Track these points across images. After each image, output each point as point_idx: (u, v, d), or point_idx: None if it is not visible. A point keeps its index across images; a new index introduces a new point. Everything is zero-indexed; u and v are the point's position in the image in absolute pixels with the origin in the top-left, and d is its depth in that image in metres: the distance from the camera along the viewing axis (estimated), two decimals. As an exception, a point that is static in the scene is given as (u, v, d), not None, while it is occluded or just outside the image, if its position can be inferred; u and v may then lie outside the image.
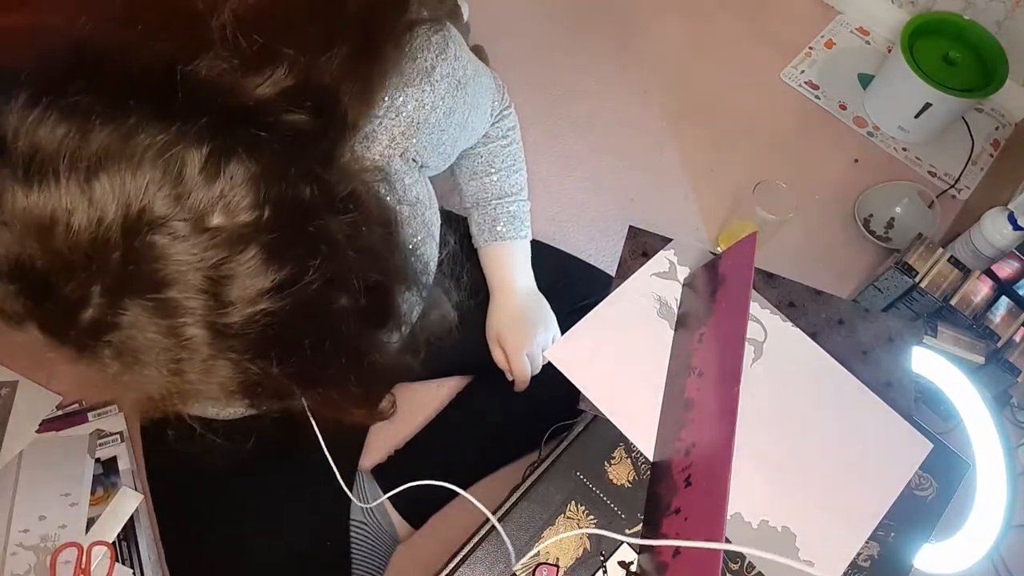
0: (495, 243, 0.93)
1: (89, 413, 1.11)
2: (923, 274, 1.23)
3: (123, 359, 0.43)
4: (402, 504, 1.02)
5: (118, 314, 0.41)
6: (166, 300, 0.41)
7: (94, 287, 0.40)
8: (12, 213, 0.39)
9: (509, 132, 0.93)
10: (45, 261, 0.40)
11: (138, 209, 0.39)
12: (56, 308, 0.41)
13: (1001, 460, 0.89)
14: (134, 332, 0.42)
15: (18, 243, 0.40)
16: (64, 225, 0.39)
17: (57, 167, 0.38)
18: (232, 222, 0.41)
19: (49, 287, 0.40)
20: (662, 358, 0.78)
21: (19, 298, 0.41)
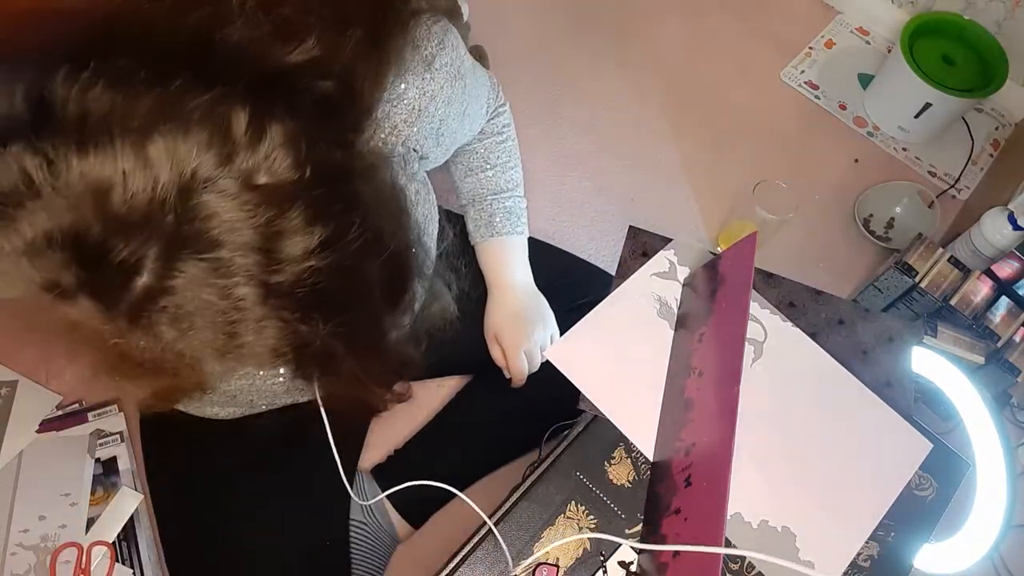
0: (492, 239, 0.93)
1: (89, 413, 1.11)
2: (923, 274, 1.23)
3: (178, 325, 0.43)
4: (402, 504, 1.02)
5: (173, 276, 0.41)
6: (219, 259, 0.41)
7: (149, 250, 0.40)
8: (67, 179, 0.39)
9: (504, 129, 0.94)
10: (101, 227, 0.40)
11: (191, 169, 0.40)
12: (110, 276, 0.41)
13: (1001, 460, 0.89)
14: (189, 295, 0.42)
15: (72, 211, 0.40)
16: (122, 188, 0.39)
17: (111, 131, 0.39)
18: (277, 180, 0.42)
19: (103, 254, 0.40)
20: (662, 358, 0.78)
21: (72, 268, 0.41)
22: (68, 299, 0.42)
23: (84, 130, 0.39)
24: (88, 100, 0.39)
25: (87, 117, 0.39)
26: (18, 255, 0.41)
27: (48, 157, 0.39)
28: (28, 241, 0.40)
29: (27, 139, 0.39)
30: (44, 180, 0.39)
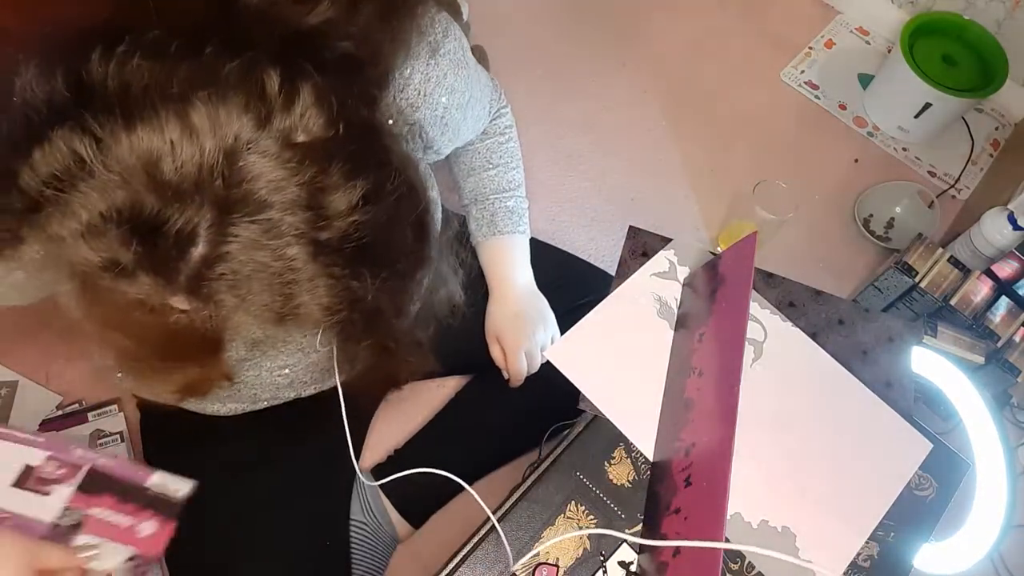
0: (494, 237, 0.93)
1: (89, 413, 1.11)
2: (923, 274, 1.23)
3: (237, 290, 0.44)
4: (402, 504, 1.02)
5: (227, 242, 0.42)
6: (269, 220, 0.42)
7: (202, 218, 0.41)
8: (117, 155, 0.40)
9: (506, 130, 0.94)
10: (154, 199, 0.40)
11: (233, 133, 0.40)
12: (167, 248, 0.41)
13: (1001, 460, 0.89)
14: (243, 258, 0.43)
15: (125, 186, 0.40)
16: (171, 157, 0.40)
17: (153, 102, 0.39)
18: (314, 137, 0.43)
19: (159, 226, 0.41)
20: (662, 358, 0.78)
21: (130, 245, 0.41)
22: (127, 277, 0.43)
23: (128, 104, 0.39)
24: (127, 74, 0.40)
25: (129, 91, 0.40)
26: (76, 238, 0.42)
27: (96, 135, 0.39)
28: (85, 223, 0.41)
29: (72, 120, 0.40)
30: (95, 158, 0.40)
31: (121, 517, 0.67)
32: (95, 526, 0.66)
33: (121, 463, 0.69)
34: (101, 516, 0.66)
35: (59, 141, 0.40)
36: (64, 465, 0.66)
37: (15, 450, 0.65)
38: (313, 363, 0.84)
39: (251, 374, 0.81)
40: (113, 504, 0.67)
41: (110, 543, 0.66)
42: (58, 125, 0.40)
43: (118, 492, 0.68)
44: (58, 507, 0.65)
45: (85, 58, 0.40)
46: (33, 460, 0.65)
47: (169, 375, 0.64)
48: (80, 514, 0.65)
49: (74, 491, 0.66)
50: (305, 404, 0.89)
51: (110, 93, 0.40)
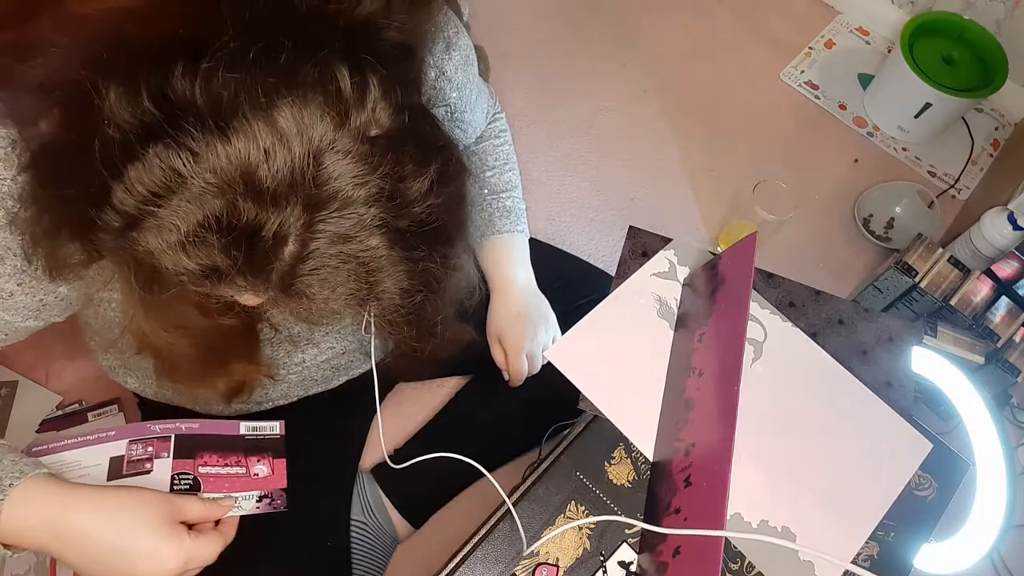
0: (492, 237, 0.93)
1: (89, 413, 1.11)
2: (923, 274, 1.23)
3: (327, 284, 0.46)
4: (402, 504, 1.02)
5: (316, 239, 0.43)
6: (354, 214, 0.44)
7: (294, 219, 0.42)
8: (216, 167, 0.41)
9: (501, 133, 0.95)
10: (251, 205, 0.42)
11: (318, 135, 0.42)
12: (263, 250, 0.43)
13: (1001, 460, 0.89)
14: (331, 252, 0.44)
15: (223, 196, 0.41)
16: (266, 164, 0.41)
17: (244, 112, 0.40)
18: (386, 129, 0.44)
19: (256, 231, 0.42)
20: (662, 358, 0.78)
21: (228, 251, 0.43)
22: (224, 281, 0.45)
23: (220, 116, 0.40)
24: (215, 87, 0.40)
25: (220, 103, 0.40)
26: (175, 249, 0.43)
27: (192, 149, 0.40)
28: (184, 234, 0.42)
29: (166, 137, 0.40)
30: (193, 172, 0.41)
31: (232, 468, 0.68)
32: (213, 483, 0.66)
33: (203, 424, 0.69)
34: (213, 472, 0.67)
35: (155, 158, 0.41)
36: (148, 443, 0.66)
37: (93, 451, 0.64)
38: (343, 353, 0.84)
39: (287, 369, 0.82)
40: (217, 460, 0.68)
41: (235, 492, 0.66)
42: (151, 143, 0.41)
43: (215, 448, 0.68)
44: (166, 477, 0.64)
45: (166, 74, 0.41)
46: (116, 451, 0.64)
47: (216, 378, 0.67)
48: (191, 476, 0.65)
49: (172, 460, 0.65)
50: (306, 404, 0.90)
51: (200, 107, 0.41)
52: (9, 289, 0.56)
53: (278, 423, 0.74)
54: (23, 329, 0.61)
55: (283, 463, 0.71)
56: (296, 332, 0.78)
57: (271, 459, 0.71)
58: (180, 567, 0.57)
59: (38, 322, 0.61)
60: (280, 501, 0.70)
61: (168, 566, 0.57)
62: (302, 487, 0.91)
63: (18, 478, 0.55)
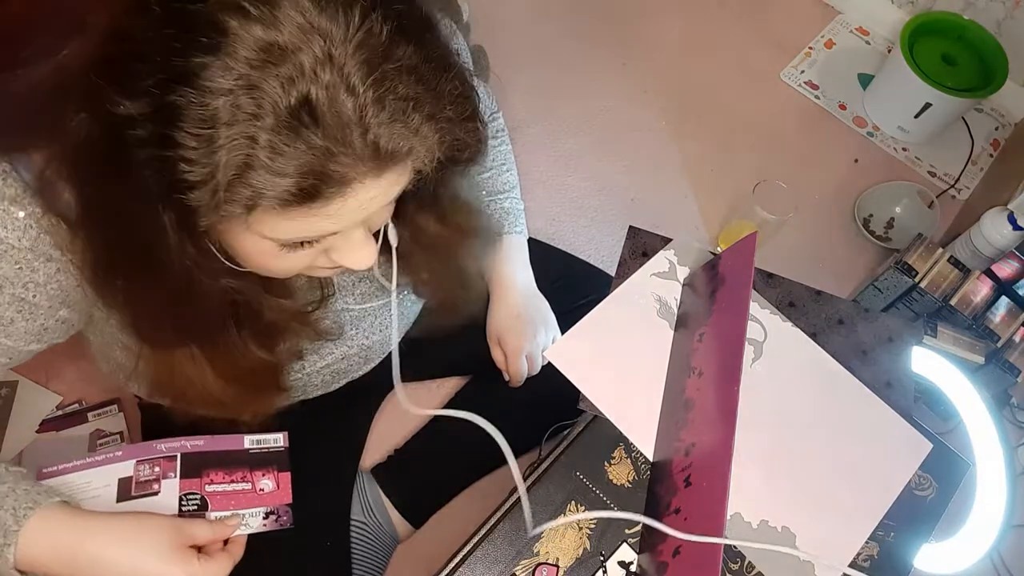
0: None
1: (89, 413, 1.11)
2: (923, 274, 1.23)
3: (403, 113, 0.46)
4: (402, 504, 1.02)
5: (353, 71, 0.43)
6: (362, 29, 0.44)
7: (319, 62, 0.42)
8: (236, 58, 0.41)
9: (498, 133, 0.95)
10: (283, 72, 0.42)
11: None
12: (326, 117, 0.43)
13: (1001, 460, 0.89)
14: (376, 78, 0.44)
15: (257, 87, 0.41)
16: (273, 27, 0.41)
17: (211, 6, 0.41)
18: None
19: (306, 100, 0.42)
20: (662, 358, 0.78)
21: (303, 139, 0.43)
22: (325, 179, 0.45)
23: (200, 22, 0.41)
24: (169, 11, 0.41)
25: (190, 13, 0.41)
26: (267, 176, 0.43)
27: (205, 64, 0.41)
28: (261, 154, 0.42)
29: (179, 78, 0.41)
30: (224, 82, 0.41)
31: (237, 484, 0.69)
32: (219, 501, 0.67)
33: (207, 440, 0.70)
34: (219, 490, 0.67)
35: (181, 99, 0.41)
36: (155, 463, 0.67)
37: (101, 472, 0.65)
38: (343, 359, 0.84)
39: (302, 372, 0.82)
40: (223, 476, 0.68)
41: (242, 510, 0.67)
42: (170, 92, 0.41)
43: (221, 465, 0.69)
44: (174, 498, 0.65)
45: (133, 39, 0.41)
46: (123, 472, 0.66)
47: (243, 411, 0.69)
48: (199, 496, 0.66)
49: (179, 480, 0.66)
50: (306, 405, 0.90)
51: (177, 30, 0.41)
52: (9, 316, 0.56)
53: (281, 435, 0.74)
54: (26, 352, 0.61)
55: (288, 477, 0.72)
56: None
57: (276, 473, 0.71)
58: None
59: (40, 345, 0.61)
60: (286, 518, 0.70)
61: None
62: (303, 487, 0.91)
63: (32, 508, 0.56)
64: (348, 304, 0.78)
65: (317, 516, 0.91)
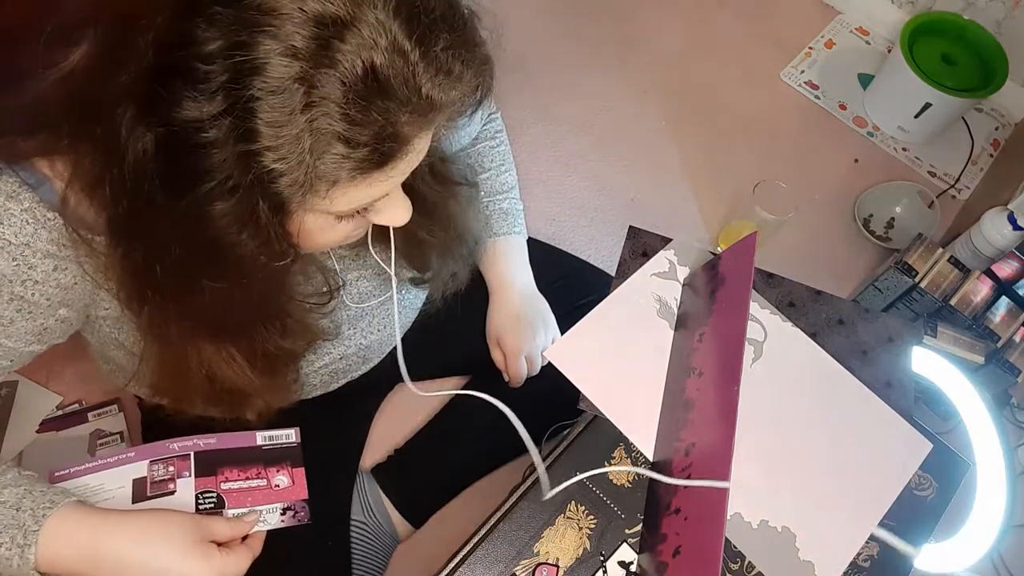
0: (490, 239, 0.93)
1: (89, 413, 1.11)
2: (923, 274, 1.23)
3: (453, 63, 0.47)
4: (402, 504, 1.02)
5: (399, 36, 0.44)
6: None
7: (379, 35, 0.43)
8: (295, 38, 0.41)
9: (497, 134, 0.95)
10: (347, 46, 0.42)
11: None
12: (390, 79, 0.44)
13: (1001, 460, 0.89)
14: (423, 32, 0.45)
15: (324, 61, 0.42)
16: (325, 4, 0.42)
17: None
18: None
19: (372, 70, 0.43)
20: (662, 358, 0.78)
21: (375, 104, 0.44)
22: (399, 135, 0.47)
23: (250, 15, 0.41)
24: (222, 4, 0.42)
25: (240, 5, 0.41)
26: (347, 148, 0.44)
27: (267, 53, 0.41)
28: (339, 127, 0.44)
29: (245, 76, 0.41)
30: (290, 69, 0.41)
31: (252, 481, 0.68)
32: (236, 498, 0.67)
33: (220, 438, 0.70)
34: (235, 487, 0.67)
35: (255, 91, 0.41)
36: (169, 462, 0.66)
37: (115, 473, 0.65)
38: (341, 359, 0.84)
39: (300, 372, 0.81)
40: (238, 474, 0.68)
41: (259, 506, 0.67)
42: (239, 89, 0.41)
43: (235, 462, 0.69)
44: (190, 497, 0.65)
45: (191, 43, 0.41)
46: (137, 473, 0.65)
47: (244, 409, 0.69)
48: (215, 494, 0.66)
49: (194, 479, 0.66)
50: (306, 405, 0.89)
51: (231, 29, 0.41)
52: (9, 316, 0.56)
53: (293, 431, 0.74)
54: (27, 354, 0.61)
55: (302, 472, 0.72)
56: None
57: (290, 468, 0.71)
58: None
59: (41, 346, 0.61)
60: (304, 513, 0.71)
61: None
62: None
63: (50, 508, 0.56)
64: (346, 303, 0.78)
65: (317, 516, 0.91)
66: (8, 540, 0.54)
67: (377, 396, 1.11)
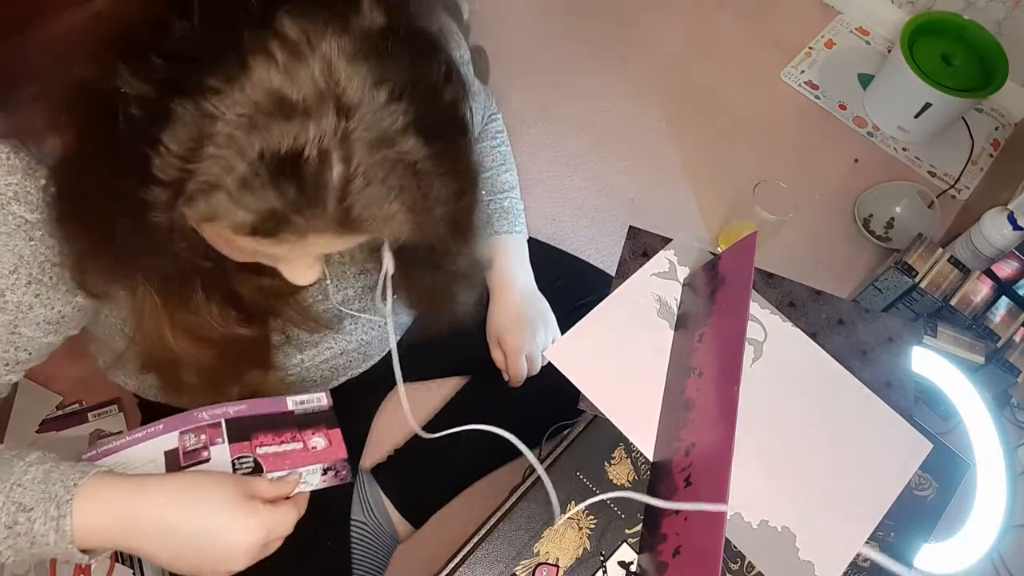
0: (491, 238, 0.93)
1: (89, 413, 1.11)
2: (923, 274, 1.23)
3: (382, 198, 0.45)
4: (402, 504, 1.02)
5: (356, 149, 0.42)
6: (385, 114, 0.43)
7: (328, 132, 0.41)
8: (243, 99, 0.40)
9: (498, 134, 0.95)
10: (287, 128, 0.41)
11: (326, 41, 0.41)
12: (310, 177, 0.42)
13: (1001, 460, 0.89)
14: (374, 162, 0.43)
15: (258, 128, 0.41)
16: (290, 81, 0.40)
17: (248, 34, 0.40)
18: (389, 22, 0.43)
19: (297, 157, 0.41)
20: (662, 358, 0.78)
21: (280, 186, 0.42)
22: (284, 226, 0.44)
23: (228, 47, 0.40)
24: (213, 21, 0.40)
25: (224, 34, 0.40)
26: (230, 205, 0.42)
27: (215, 88, 0.40)
28: (233, 184, 0.42)
29: (185, 86, 0.40)
30: (222, 109, 0.40)
31: (288, 445, 0.66)
32: (273, 462, 0.64)
33: (250, 404, 0.67)
34: (271, 451, 0.64)
35: (182, 110, 0.40)
36: (200, 431, 0.64)
37: (144, 448, 0.62)
38: (341, 354, 0.84)
39: (286, 370, 0.81)
40: (272, 438, 0.66)
41: (298, 468, 0.65)
42: (174, 98, 0.40)
43: (268, 427, 0.66)
44: (227, 462, 0.62)
45: (164, 30, 0.41)
46: (168, 445, 0.62)
47: (230, 388, 0.67)
48: (251, 458, 0.63)
49: (228, 445, 0.63)
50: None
51: (207, 43, 0.40)
52: (28, 302, 0.55)
53: (323, 394, 0.72)
54: (45, 346, 0.60)
55: (339, 433, 0.69)
56: (297, 334, 0.78)
57: (326, 430, 0.68)
58: (262, 538, 0.56)
59: (57, 337, 0.61)
60: (345, 472, 0.68)
61: (249, 538, 0.55)
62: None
63: (81, 477, 0.53)
64: (349, 307, 0.78)
65: (317, 516, 0.91)
66: (41, 514, 0.51)
67: (377, 395, 1.11)
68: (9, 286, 0.54)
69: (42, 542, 0.51)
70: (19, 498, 0.52)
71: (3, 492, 0.52)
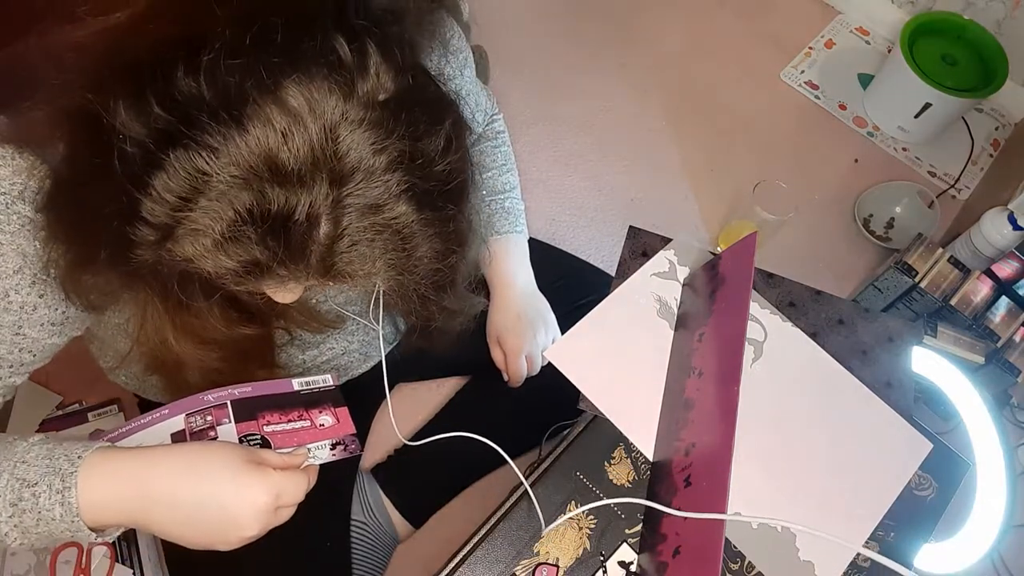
0: (491, 238, 0.93)
1: (89, 413, 1.11)
2: (923, 274, 1.23)
3: (365, 257, 0.46)
4: (402, 504, 1.02)
5: (346, 214, 0.43)
6: (379, 182, 0.43)
7: (320, 197, 0.42)
8: (238, 159, 0.40)
9: (499, 134, 0.95)
10: (279, 191, 0.42)
11: (329, 108, 0.42)
12: (297, 235, 0.43)
13: (1001, 460, 0.89)
14: (364, 225, 0.44)
15: (250, 187, 0.41)
16: (286, 146, 0.41)
17: (252, 97, 0.40)
18: (394, 91, 0.44)
19: (287, 216, 0.42)
20: (662, 358, 0.78)
21: (266, 243, 0.43)
22: (266, 274, 0.45)
23: (230, 107, 0.40)
24: (219, 78, 0.40)
25: (228, 94, 0.40)
26: (214, 252, 0.43)
27: (211, 146, 0.40)
28: (219, 233, 0.42)
29: (184, 139, 0.40)
30: (216, 168, 0.40)
31: (296, 423, 0.66)
32: (281, 439, 0.64)
33: (255, 386, 0.67)
34: (279, 429, 0.65)
35: (177, 162, 0.40)
36: (206, 412, 0.63)
37: (150, 432, 0.62)
38: (343, 354, 0.84)
39: (288, 370, 0.81)
40: (279, 417, 0.66)
41: (307, 444, 0.64)
42: (170, 148, 0.40)
43: (274, 407, 0.66)
44: (233, 440, 0.62)
45: (170, 78, 0.41)
46: (175, 427, 0.62)
47: (239, 381, 0.67)
48: (259, 436, 0.63)
49: (234, 424, 0.63)
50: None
51: (210, 101, 0.40)
52: (32, 303, 0.55)
53: (329, 375, 0.72)
54: (49, 347, 0.60)
55: (346, 410, 0.69)
56: (300, 334, 0.78)
57: (332, 408, 0.68)
58: (271, 502, 0.55)
59: (62, 338, 0.60)
60: (355, 446, 0.67)
61: (259, 502, 0.54)
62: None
63: (85, 450, 0.52)
64: (350, 308, 0.78)
65: (317, 516, 0.91)
66: (46, 488, 0.50)
67: (377, 396, 1.11)
68: (13, 286, 0.54)
69: (48, 517, 0.50)
70: (23, 474, 0.50)
71: (7, 470, 0.51)
